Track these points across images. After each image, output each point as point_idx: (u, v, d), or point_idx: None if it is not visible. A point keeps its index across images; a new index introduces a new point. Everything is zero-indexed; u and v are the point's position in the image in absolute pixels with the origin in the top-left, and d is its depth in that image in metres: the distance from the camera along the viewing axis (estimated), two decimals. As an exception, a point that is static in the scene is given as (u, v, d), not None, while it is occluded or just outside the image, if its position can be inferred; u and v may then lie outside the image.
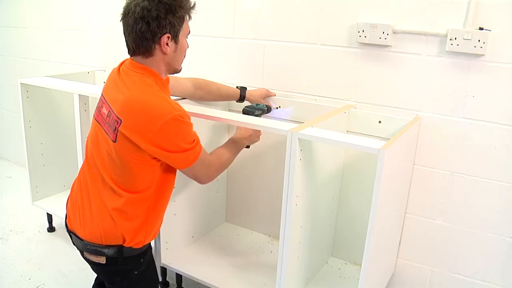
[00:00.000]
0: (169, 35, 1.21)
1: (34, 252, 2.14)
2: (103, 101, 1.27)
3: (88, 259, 1.29)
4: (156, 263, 1.78)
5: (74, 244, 1.32)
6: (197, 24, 2.00)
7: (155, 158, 1.21)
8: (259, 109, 1.67)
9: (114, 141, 1.19)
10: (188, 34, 1.29)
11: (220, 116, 1.50)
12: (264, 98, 1.83)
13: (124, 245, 1.25)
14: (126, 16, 1.20)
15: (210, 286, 1.69)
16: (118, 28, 1.35)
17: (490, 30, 1.41)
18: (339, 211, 1.84)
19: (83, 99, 1.85)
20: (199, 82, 1.71)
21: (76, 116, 1.87)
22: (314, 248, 1.66)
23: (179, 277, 1.84)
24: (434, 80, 1.55)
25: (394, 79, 1.62)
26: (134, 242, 1.27)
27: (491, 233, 1.58)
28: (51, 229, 2.36)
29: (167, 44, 1.22)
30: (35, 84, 2.03)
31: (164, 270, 1.87)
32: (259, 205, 2.08)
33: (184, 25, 1.25)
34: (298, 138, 1.31)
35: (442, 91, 1.54)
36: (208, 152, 1.38)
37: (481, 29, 1.42)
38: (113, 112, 1.19)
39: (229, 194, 2.16)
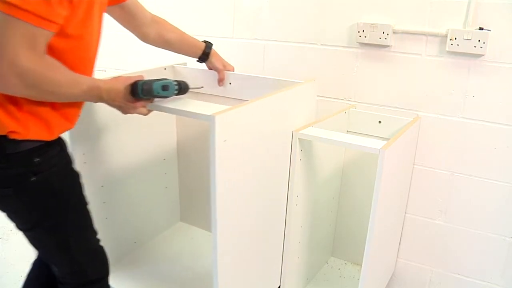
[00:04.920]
0: None
1: (34, 252, 2.14)
2: None
3: None
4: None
5: None
6: (197, 24, 2.00)
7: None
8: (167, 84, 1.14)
9: None
10: None
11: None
12: (224, 66, 1.56)
13: (1, 133, 0.98)
14: None
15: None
16: (118, 28, 1.35)
17: (490, 30, 1.41)
18: (339, 211, 1.84)
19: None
20: (160, 18, 1.46)
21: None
22: (314, 248, 1.67)
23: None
24: (434, 80, 1.55)
25: (394, 79, 1.62)
26: (10, 130, 0.98)
27: (491, 233, 1.58)
28: (51, 229, 2.35)
29: None
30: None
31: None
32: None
33: None
34: (298, 138, 1.32)
35: (442, 91, 1.54)
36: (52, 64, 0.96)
37: (481, 29, 1.42)
38: None
39: (182, 190, 1.86)
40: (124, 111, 1.14)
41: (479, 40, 1.42)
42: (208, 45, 1.52)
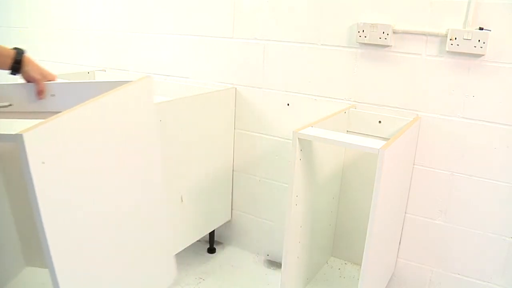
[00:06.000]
0: None
1: (34, 252, 2.14)
2: None
3: None
4: None
5: None
6: (197, 24, 2.00)
7: None
8: None
9: None
10: None
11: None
12: (43, 76, 1.25)
13: None
14: None
15: None
16: (118, 28, 1.34)
17: (490, 30, 1.41)
18: (339, 211, 1.84)
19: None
20: None
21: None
22: (314, 248, 1.67)
23: None
24: (434, 80, 1.55)
25: (394, 79, 1.62)
26: None
27: (491, 233, 1.58)
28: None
29: None
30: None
31: None
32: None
33: None
34: (298, 138, 1.32)
35: (442, 91, 1.54)
36: None
37: (481, 29, 1.42)
38: None
39: (28, 226, 1.40)
40: None
41: (479, 40, 1.41)
42: (19, 51, 1.22)
